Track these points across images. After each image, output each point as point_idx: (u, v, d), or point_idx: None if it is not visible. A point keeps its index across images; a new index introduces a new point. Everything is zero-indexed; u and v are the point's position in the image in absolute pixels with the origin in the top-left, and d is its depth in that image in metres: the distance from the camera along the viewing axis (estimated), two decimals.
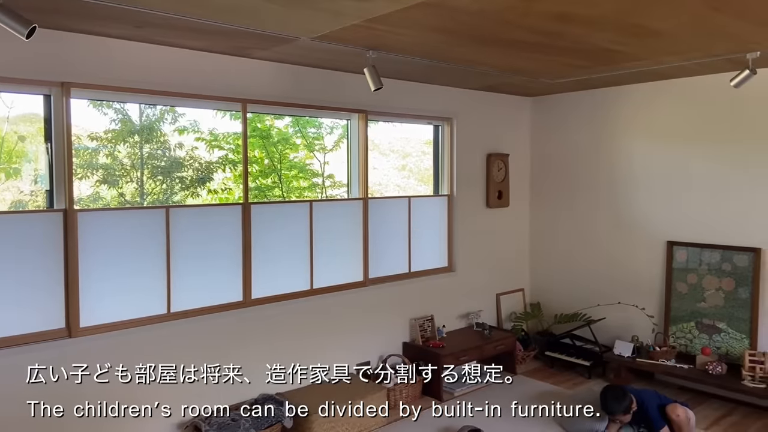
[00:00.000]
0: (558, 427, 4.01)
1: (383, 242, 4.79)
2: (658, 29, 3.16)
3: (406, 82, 4.83)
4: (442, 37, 3.32)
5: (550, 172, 5.81)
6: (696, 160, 4.70)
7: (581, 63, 4.11)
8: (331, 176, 4.87)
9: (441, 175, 5.36)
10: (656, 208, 4.97)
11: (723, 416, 4.23)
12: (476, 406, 4.36)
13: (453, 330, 5.25)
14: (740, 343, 4.40)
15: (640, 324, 5.07)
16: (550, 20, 2.97)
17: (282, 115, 4.41)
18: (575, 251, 5.60)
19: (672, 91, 4.83)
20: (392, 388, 4.31)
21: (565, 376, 5.10)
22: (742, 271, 4.41)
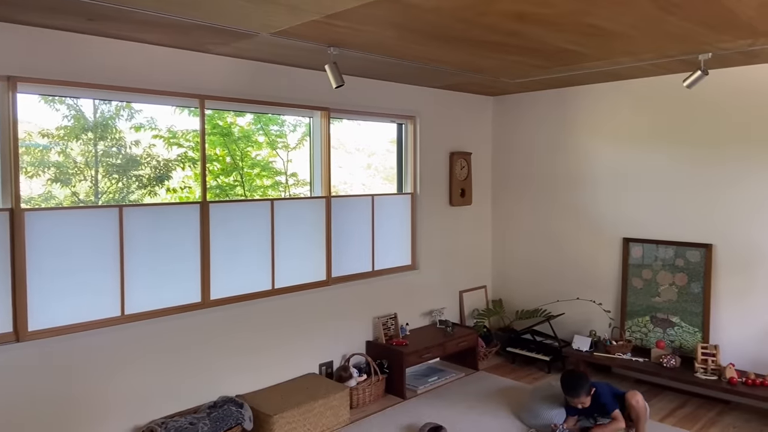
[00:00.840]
0: (518, 422, 4.06)
1: (347, 241, 4.77)
2: (612, 30, 3.23)
3: (368, 80, 4.83)
4: (402, 34, 3.32)
5: (511, 170, 5.89)
6: (651, 158, 4.84)
7: (540, 63, 4.18)
8: (295, 174, 4.82)
9: (404, 174, 5.37)
10: (613, 205, 5.09)
11: (677, 408, 4.36)
12: (439, 403, 4.41)
13: (416, 328, 5.28)
14: (693, 337, 4.55)
15: (597, 319, 5.20)
16: (507, 19, 3.00)
17: (242, 112, 4.34)
18: (536, 248, 5.69)
19: (628, 91, 4.96)
20: (355, 388, 4.29)
21: (526, 371, 5.18)
22: (695, 267, 4.56)
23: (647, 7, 2.81)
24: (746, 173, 4.33)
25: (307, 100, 4.39)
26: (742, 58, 4.00)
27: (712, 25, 3.11)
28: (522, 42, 3.52)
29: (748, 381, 4.03)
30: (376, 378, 4.44)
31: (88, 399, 3.35)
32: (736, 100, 4.36)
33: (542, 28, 3.18)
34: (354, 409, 4.28)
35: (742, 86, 4.32)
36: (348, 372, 4.34)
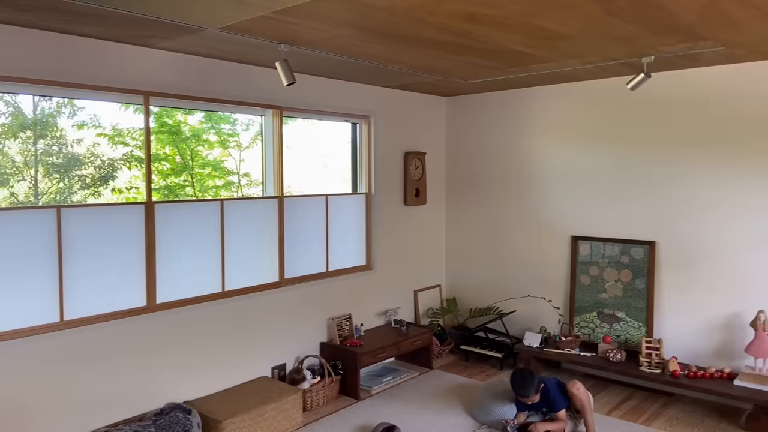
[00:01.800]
0: (470, 419, 4.10)
1: (300, 241, 4.70)
2: (560, 32, 3.30)
3: (322, 79, 4.77)
4: (355, 33, 3.29)
5: (465, 170, 5.95)
6: (598, 159, 4.97)
7: (492, 64, 4.23)
8: (248, 174, 4.72)
9: (359, 174, 5.34)
10: (563, 204, 5.21)
11: (623, 401, 4.50)
12: (393, 403, 4.40)
13: (371, 328, 5.26)
14: (638, 331, 4.70)
15: (548, 315, 5.31)
16: (459, 20, 3.02)
17: (190, 109, 4.21)
18: (489, 247, 5.77)
19: (576, 93, 5.08)
20: (308, 390, 4.24)
21: (479, 369, 5.24)
22: (639, 263, 4.71)
23: (593, 10, 2.87)
24: (687, 173, 4.50)
25: (258, 98, 4.31)
26: (684, 61, 4.15)
27: (654, 28, 3.21)
28: (473, 43, 3.55)
29: (689, 374, 4.19)
30: (329, 379, 4.40)
31: (25, 409, 3.17)
32: (677, 102, 4.53)
33: (492, 29, 3.21)
34: (307, 412, 4.23)
35: (684, 89, 4.49)
36: (301, 374, 4.28)
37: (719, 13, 2.91)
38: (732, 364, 4.31)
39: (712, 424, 4.04)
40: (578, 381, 3.78)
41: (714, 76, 4.34)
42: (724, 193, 4.33)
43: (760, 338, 3.97)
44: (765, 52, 3.84)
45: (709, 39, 3.46)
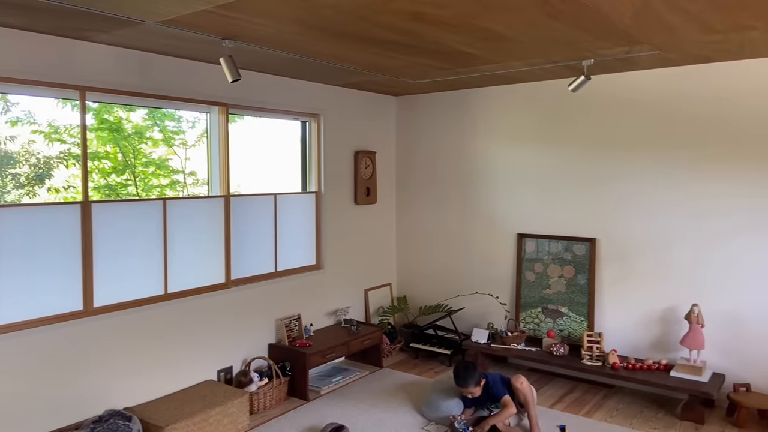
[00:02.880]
0: (419, 416, 4.13)
1: (248, 241, 4.62)
2: (503, 34, 3.36)
3: (270, 76, 4.70)
4: (300, 29, 3.25)
5: (415, 169, 5.99)
6: (542, 158, 5.10)
7: (439, 64, 4.26)
8: (194, 173, 4.60)
9: (309, 172, 5.29)
10: (509, 203, 5.31)
11: (566, 393, 4.63)
12: (342, 403, 4.38)
13: (321, 328, 5.22)
14: (580, 326, 4.85)
15: (495, 312, 5.41)
16: (405, 19, 3.03)
17: (131, 106, 4.06)
18: (438, 245, 5.82)
19: (521, 94, 5.20)
20: (255, 392, 4.16)
21: (428, 366, 5.29)
22: (581, 260, 4.86)
23: (535, 13, 2.94)
24: (625, 172, 4.67)
25: (203, 94, 4.20)
26: (621, 64, 4.30)
27: (592, 31, 3.32)
28: (420, 43, 3.57)
29: (628, 366, 4.35)
30: (277, 381, 4.33)
31: None
32: (616, 104, 4.70)
33: (438, 29, 3.24)
34: (254, 415, 4.15)
35: (622, 91, 4.66)
36: (248, 377, 4.20)
37: (653, 17, 3.02)
38: (668, 356, 4.51)
39: (650, 415, 4.21)
40: (522, 375, 3.87)
41: (650, 79, 4.52)
42: (659, 191, 4.52)
43: (694, 331, 4.16)
44: (697, 56, 4.02)
45: (644, 43, 3.60)
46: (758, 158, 4.10)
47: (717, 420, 4.09)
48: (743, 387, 4.11)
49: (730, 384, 4.23)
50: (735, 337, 4.22)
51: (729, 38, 3.47)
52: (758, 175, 4.11)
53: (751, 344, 4.17)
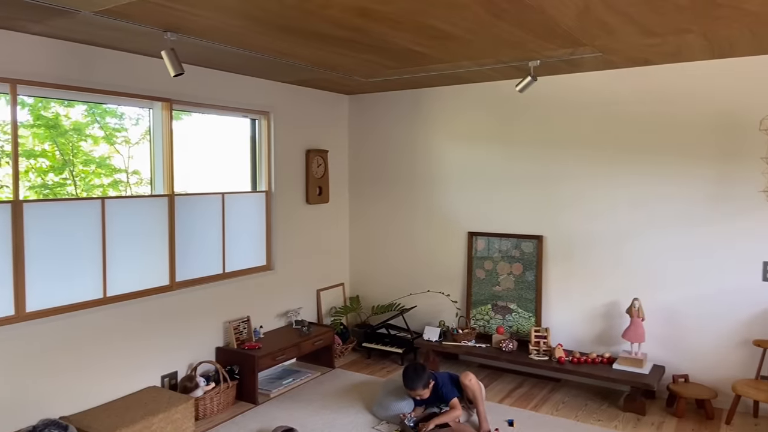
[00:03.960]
0: (370, 416, 4.11)
1: (194, 242, 4.48)
2: (451, 33, 3.37)
3: (217, 72, 4.58)
4: (246, 23, 3.18)
5: (367, 168, 5.97)
6: (492, 157, 5.17)
7: (389, 63, 4.26)
8: (137, 172, 4.43)
9: (259, 171, 5.19)
10: (460, 201, 5.36)
11: (514, 388, 4.70)
12: (292, 405, 4.31)
13: (271, 330, 5.13)
14: (528, 321, 4.94)
15: (446, 309, 5.45)
16: (351, 14, 3.00)
17: (69, 101, 3.88)
18: (391, 244, 5.82)
19: (471, 94, 5.25)
20: (202, 398, 4.05)
21: (381, 365, 5.28)
22: (529, 257, 4.95)
23: (480, 12, 2.96)
24: (569, 171, 4.78)
25: (145, 89, 4.05)
26: (566, 66, 4.40)
27: (537, 32, 3.37)
28: (369, 40, 3.55)
29: (574, 359, 4.46)
30: (225, 385, 4.22)
31: None
32: (561, 104, 4.81)
33: (385, 26, 3.22)
34: (200, 420, 4.03)
35: (567, 92, 4.77)
36: (193, 381, 4.07)
37: (594, 19, 3.10)
38: (611, 349, 4.65)
39: (594, 407, 4.32)
40: (470, 372, 3.90)
41: (593, 81, 4.65)
42: (601, 189, 4.65)
43: (635, 324, 4.30)
44: (637, 59, 4.16)
45: (587, 45, 3.69)
46: (694, 158, 4.27)
47: (657, 410, 4.23)
48: (682, 378, 4.28)
49: (670, 375, 4.40)
50: (673, 329, 4.39)
51: (667, 41, 3.60)
52: (694, 175, 4.28)
53: (688, 337, 4.34)
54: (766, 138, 4.02)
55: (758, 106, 4.04)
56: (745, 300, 4.13)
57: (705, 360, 4.28)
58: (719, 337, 4.23)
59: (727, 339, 4.21)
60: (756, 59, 4.01)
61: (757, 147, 4.05)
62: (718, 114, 4.18)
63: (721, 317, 4.22)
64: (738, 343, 4.17)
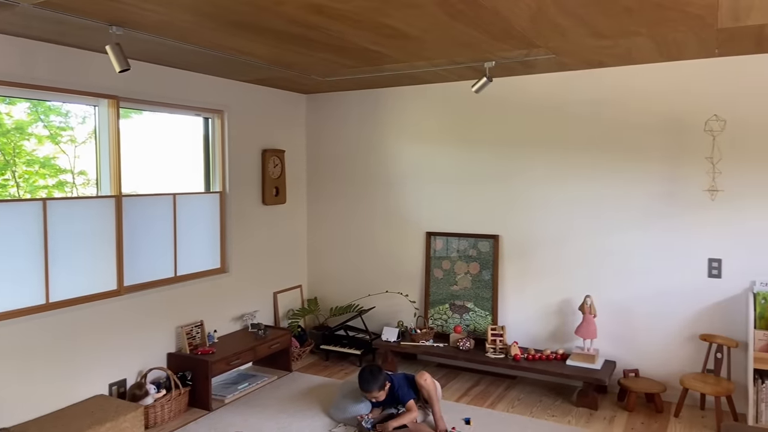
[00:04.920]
0: (327, 418, 4.06)
1: (144, 245, 4.33)
2: (407, 33, 3.36)
3: (168, 68, 4.44)
4: (197, 18, 3.08)
5: (326, 168, 5.91)
6: (450, 158, 5.19)
7: (347, 62, 4.22)
8: (84, 172, 4.24)
9: (212, 171, 5.06)
10: (418, 201, 5.37)
11: (471, 387, 4.74)
12: (247, 410, 4.22)
13: (226, 334, 5.01)
14: (485, 320, 4.98)
15: (405, 310, 5.45)
16: (306, 12, 2.95)
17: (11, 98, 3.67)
18: (350, 245, 5.78)
19: (429, 95, 5.27)
20: (152, 405, 3.91)
21: (339, 367, 5.23)
22: (485, 256, 5.00)
23: (436, 12, 2.96)
24: (524, 171, 4.86)
25: (90, 86, 3.88)
26: (521, 67, 4.46)
27: (493, 34, 3.40)
28: (325, 38, 3.50)
29: (529, 356, 4.53)
30: (177, 392, 4.09)
31: None
32: (516, 106, 4.87)
33: (342, 24, 3.18)
34: (150, 429, 3.89)
35: (522, 94, 4.84)
36: (143, 389, 3.93)
37: (547, 21, 3.14)
38: (565, 345, 4.74)
39: (548, 403, 4.39)
40: (425, 372, 3.91)
41: (547, 82, 4.73)
42: (555, 189, 4.74)
43: (587, 321, 4.39)
44: (590, 61, 4.25)
45: (541, 47, 3.75)
46: (644, 158, 4.40)
47: (609, 405, 4.34)
48: (632, 372, 4.40)
49: (621, 370, 4.51)
50: (624, 325, 4.51)
51: (617, 44, 3.69)
52: (644, 174, 4.41)
53: (638, 332, 4.46)
54: (710, 138, 4.18)
55: (704, 108, 4.19)
56: (692, 296, 4.28)
57: (654, 355, 4.42)
58: (668, 333, 4.37)
59: (675, 334, 4.35)
60: (702, 62, 4.16)
61: (703, 147, 4.20)
62: (666, 115, 4.32)
63: (670, 313, 4.36)
64: (685, 338, 4.32)
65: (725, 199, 4.14)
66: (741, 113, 4.07)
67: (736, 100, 4.08)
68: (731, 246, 4.14)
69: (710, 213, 4.19)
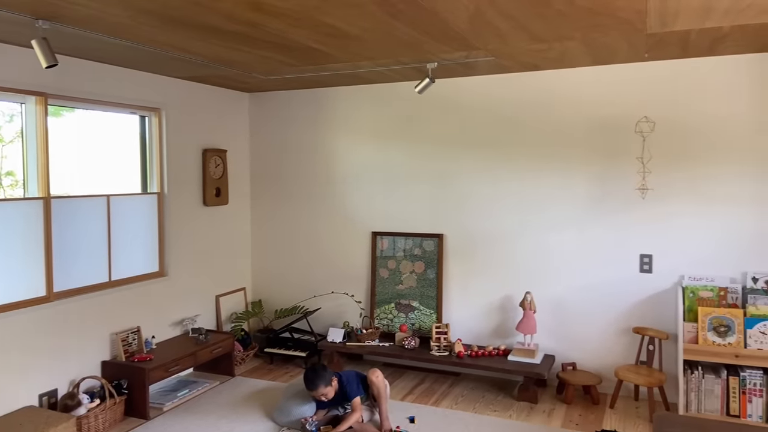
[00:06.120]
0: (271, 422, 3.99)
1: (76, 248, 4.13)
2: (348, 32, 3.35)
3: (101, 65, 4.25)
4: (128, 12, 2.96)
5: (270, 168, 5.82)
6: (394, 158, 5.22)
7: (289, 60, 4.16)
8: (12, 173, 4.01)
9: (150, 172, 4.88)
10: (364, 201, 5.37)
11: (416, 385, 4.77)
12: (188, 418, 4.10)
13: (165, 340, 4.85)
14: (429, 318, 5.03)
15: (351, 310, 5.44)
16: (244, 8, 2.88)
17: None
18: (295, 246, 5.71)
19: (373, 94, 5.27)
20: (85, 416, 3.73)
21: (284, 370, 5.16)
22: (430, 255, 5.05)
23: (375, 11, 2.96)
24: (467, 170, 4.93)
25: (15, 82, 3.67)
26: (462, 69, 4.53)
27: (433, 35, 3.43)
28: (265, 36, 3.44)
29: (472, 353, 4.60)
30: (112, 401, 3.93)
31: None
32: (459, 107, 4.94)
33: (281, 21, 3.14)
34: None
35: (464, 95, 4.92)
36: (75, 399, 3.75)
37: (485, 23, 3.20)
38: (506, 341, 4.85)
39: (491, 398, 4.48)
40: (378, 369, 3.91)
41: (488, 84, 4.82)
42: (497, 188, 4.84)
43: (528, 316, 4.51)
44: (527, 64, 4.36)
45: (480, 49, 3.82)
46: (580, 159, 4.55)
47: (549, 398, 4.47)
48: (570, 366, 4.54)
49: (560, 364, 4.65)
50: (562, 320, 4.65)
51: (552, 47, 3.80)
52: (580, 174, 4.56)
53: (575, 326, 4.62)
54: (641, 139, 4.37)
55: (634, 110, 4.37)
56: (625, 291, 4.46)
57: (591, 348, 4.58)
58: (603, 326, 4.54)
59: (610, 328, 4.52)
60: (632, 66, 4.35)
61: (634, 147, 4.39)
62: (600, 117, 4.48)
63: (605, 308, 4.53)
64: (620, 331, 4.50)
65: (655, 197, 4.34)
66: (669, 115, 4.28)
67: (665, 103, 4.28)
68: (661, 242, 4.34)
69: (641, 211, 4.38)
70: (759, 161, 4.05)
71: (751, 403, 3.81)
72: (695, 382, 3.92)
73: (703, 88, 4.16)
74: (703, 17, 3.09)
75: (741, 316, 3.82)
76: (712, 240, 4.20)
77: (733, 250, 4.14)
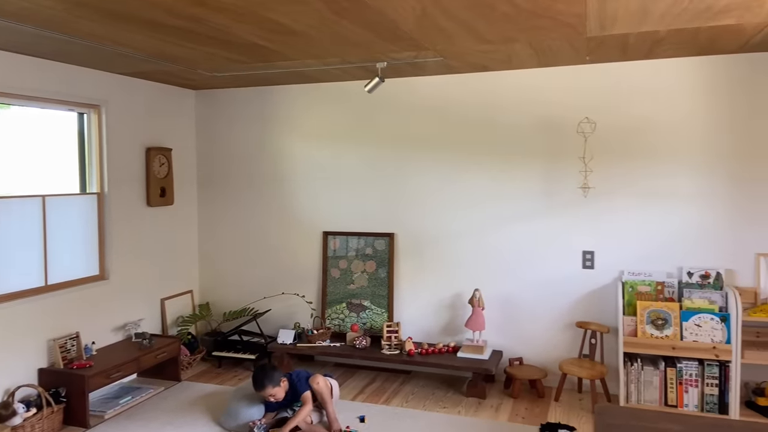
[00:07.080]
0: (218, 427, 3.90)
1: (7, 252, 3.92)
2: (293, 28, 3.31)
3: (34, 59, 4.05)
4: (63, 5, 2.83)
5: (218, 168, 5.69)
6: (344, 157, 5.19)
7: (235, 57, 4.08)
8: None
9: (89, 171, 4.69)
10: (314, 201, 5.32)
11: (367, 384, 4.77)
12: (130, 425, 3.96)
13: (106, 345, 4.67)
14: (381, 317, 5.04)
15: (301, 311, 5.38)
16: (186, 2, 2.80)
17: None
18: (244, 247, 5.61)
19: (323, 93, 5.23)
20: (21, 425, 3.55)
21: (232, 374, 5.06)
22: (381, 254, 5.06)
23: (320, 8, 2.93)
24: (416, 170, 4.97)
25: None
26: (412, 69, 4.55)
27: (380, 34, 3.43)
28: (208, 31, 3.36)
29: (422, 351, 4.63)
30: (49, 410, 3.75)
31: None
32: (408, 106, 4.97)
33: (225, 17, 3.07)
34: None
35: (414, 95, 4.95)
36: (10, 409, 3.56)
37: (432, 23, 3.22)
38: (456, 338, 4.91)
39: (440, 395, 4.53)
40: (318, 375, 3.85)
41: (437, 84, 4.87)
42: (445, 187, 4.89)
43: (476, 313, 4.57)
44: (475, 65, 4.42)
45: (429, 49, 3.84)
46: (526, 159, 4.66)
47: (497, 393, 4.55)
48: (517, 361, 4.64)
49: (507, 359, 4.75)
50: (509, 316, 4.75)
51: (498, 49, 3.86)
52: (525, 174, 4.66)
53: (522, 322, 4.72)
54: (582, 139, 4.50)
55: (576, 111, 4.51)
56: (569, 286, 4.59)
57: (536, 343, 4.69)
58: (548, 321, 4.66)
59: (554, 322, 4.64)
60: (575, 68, 4.48)
61: (576, 147, 4.52)
62: (545, 118, 4.59)
63: (549, 303, 4.65)
64: (564, 326, 4.62)
65: (596, 195, 4.49)
66: (608, 116, 4.43)
67: (605, 104, 4.43)
68: (602, 239, 4.49)
69: (583, 209, 4.52)
70: (695, 161, 4.25)
71: (688, 393, 3.99)
72: (635, 373, 4.07)
73: (642, 90, 4.33)
74: (640, 21, 3.21)
75: (677, 309, 3.99)
76: (650, 236, 4.37)
77: (669, 246, 4.33)
